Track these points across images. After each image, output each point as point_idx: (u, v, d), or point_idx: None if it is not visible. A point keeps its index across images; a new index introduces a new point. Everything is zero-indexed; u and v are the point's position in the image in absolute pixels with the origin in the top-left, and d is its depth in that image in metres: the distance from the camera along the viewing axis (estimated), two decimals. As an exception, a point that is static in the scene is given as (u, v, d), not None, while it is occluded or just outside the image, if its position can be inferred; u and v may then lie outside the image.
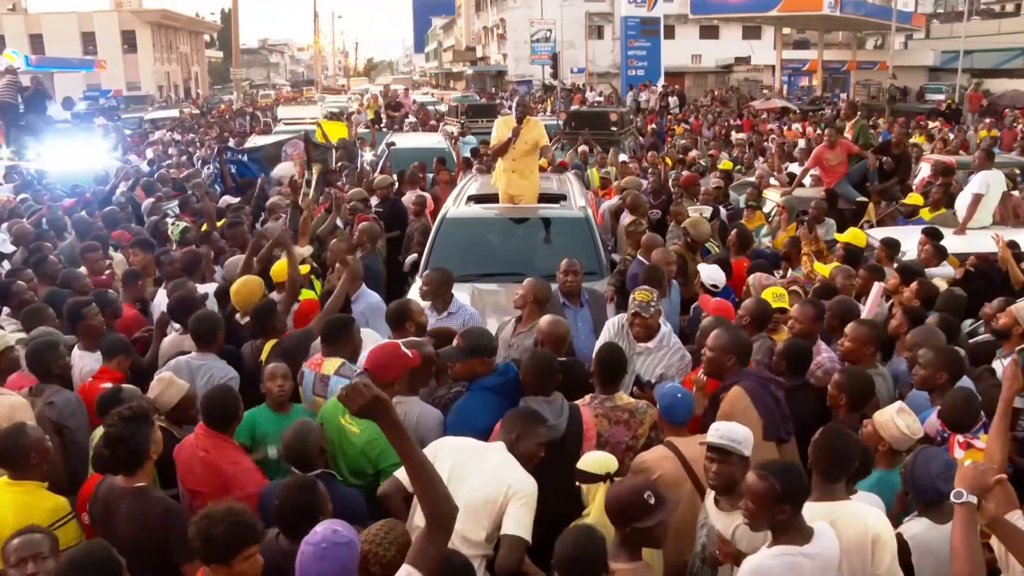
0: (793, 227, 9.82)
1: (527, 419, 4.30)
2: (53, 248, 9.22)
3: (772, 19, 46.19)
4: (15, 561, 3.55)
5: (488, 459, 4.12)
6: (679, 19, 56.25)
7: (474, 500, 3.93)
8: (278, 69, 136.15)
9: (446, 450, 4.14)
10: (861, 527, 3.68)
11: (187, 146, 24.18)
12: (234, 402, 4.88)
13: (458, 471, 4.00)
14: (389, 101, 31.50)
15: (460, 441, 4.27)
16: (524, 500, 3.95)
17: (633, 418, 4.93)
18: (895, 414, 4.36)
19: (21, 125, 20.05)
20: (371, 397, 2.96)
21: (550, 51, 52.54)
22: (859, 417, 4.78)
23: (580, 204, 9.44)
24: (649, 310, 5.82)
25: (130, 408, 4.19)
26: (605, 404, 4.94)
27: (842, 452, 3.89)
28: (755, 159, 17.96)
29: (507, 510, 3.93)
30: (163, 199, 12.59)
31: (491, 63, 72.31)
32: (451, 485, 3.75)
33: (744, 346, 5.11)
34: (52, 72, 46.53)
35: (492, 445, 4.25)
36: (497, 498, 3.95)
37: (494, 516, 3.94)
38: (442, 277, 6.83)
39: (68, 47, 62.61)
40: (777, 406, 4.84)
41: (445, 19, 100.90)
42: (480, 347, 5.03)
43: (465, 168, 14.71)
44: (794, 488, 3.52)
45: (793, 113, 33.05)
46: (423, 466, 3.11)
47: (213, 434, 4.75)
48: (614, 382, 5.05)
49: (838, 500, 3.83)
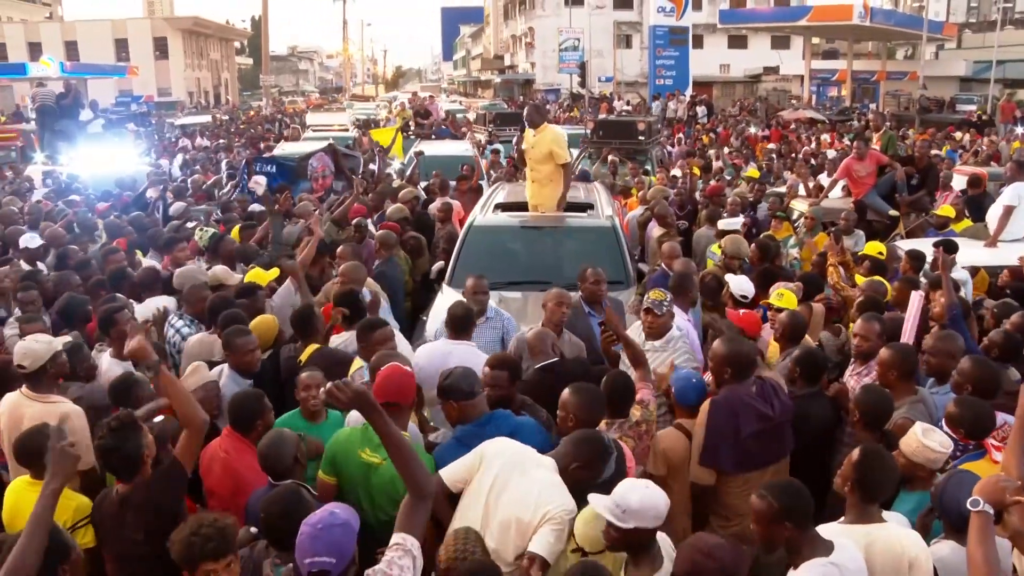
0: (821, 238, 9.79)
1: (600, 453, 3.99)
2: (84, 251, 9.37)
3: (801, 29, 45.99)
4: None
5: (532, 476, 3.91)
6: (707, 28, 56.15)
7: (508, 518, 3.82)
8: (307, 76, 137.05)
9: (490, 459, 4.00)
10: (898, 550, 3.66)
11: (216, 152, 24.38)
12: (259, 406, 4.91)
13: (499, 484, 3.89)
14: (418, 109, 31.59)
15: (503, 450, 4.06)
16: (558, 526, 3.76)
17: (648, 425, 5.01)
18: (922, 437, 4.21)
19: (56, 130, 20.37)
20: (351, 393, 3.28)
21: (578, 60, 52.53)
22: (877, 435, 4.71)
23: (607, 213, 9.47)
24: (661, 308, 5.89)
25: (117, 419, 4.19)
26: (624, 427, 4.95)
27: (881, 474, 3.84)
28: (783, 170, 17.88)
29: (539, 530, 3.74)
30: (191, 205, 12.74)
31: (519, 71, 72.41)
32: (488, 499, 3.83)
33: (741, 359, 5.01)
34: (86, 78, 47.08)
35: (542, 460, 4.00)
36: (532, 521, 3.77)
37: (526, 537, 3.77)
38: (479, 285, 6.95)
39: (102, 54, 63.48)
40: (757, 428, 4.82)
41: (473, 27, 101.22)
42: (448, 389, 4.53)
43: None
44: (793, 504, 3.52)
45: (822, 124, 32.87)
46: (402, 446, 3.46)
47: (236, 437, 4.82)
48: (625, 407, 4.96)
49: (874, 523, 3.79)
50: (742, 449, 4.79)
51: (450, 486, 4.01)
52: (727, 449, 4.83)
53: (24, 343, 5.32)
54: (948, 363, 5.33)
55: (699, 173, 14.93)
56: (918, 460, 4.19)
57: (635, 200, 13.03)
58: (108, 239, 10.20)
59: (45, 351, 5.26)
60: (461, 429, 4.49)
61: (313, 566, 3.23)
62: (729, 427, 4.83)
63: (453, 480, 4.03)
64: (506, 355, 5.40)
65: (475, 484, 3.97)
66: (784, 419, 4.99)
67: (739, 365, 4.99)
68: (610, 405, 4.96)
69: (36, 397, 5.18)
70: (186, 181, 16.25)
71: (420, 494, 3.42)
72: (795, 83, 54.95)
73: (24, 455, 4.48)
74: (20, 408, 5.14)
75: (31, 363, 5.21)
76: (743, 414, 4.85)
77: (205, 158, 22.53)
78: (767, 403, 4.93)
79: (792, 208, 11.96)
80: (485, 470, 3.94)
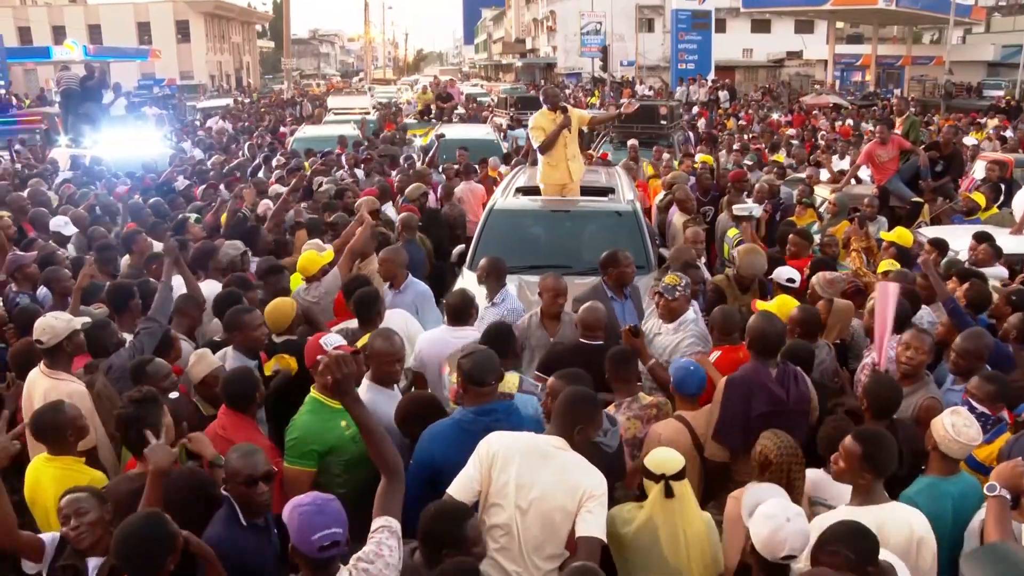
0: (843, 225, 9.72)
1: (586, 403, 3.99)
2: (108, 233, 9.44)
3: (825, 13, 45.56)
4: (62, 519, 3.85)
5: (553, 462, 3.86)
6: (730, 12, 55.77)
7: (550, 511, 3.79)
8: (328, 59, 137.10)
9: (503, 456, 3.90)
10: (907, 530, 3.75)
11: (238, 134, 24.44)
12: (252, 383, 4.94)
13: (524, 480, 3.83)
14: (439, 92, 31.56)
15: (513, 443, 3.96)
16: (599, 500, 3.79)
17: (660, 412, 5.10)
18: (946, 415, 4.20)
19: (80, 113, 20.47)
20: (347, 372, 3.50)
21: (600, 44, 52.34)
22: (885, 425, 4.66)
23: (628, 197, 9.44)
24: (673, 293, 5.97)
25: (139, 391, 4.32)
26: (633, 406, 5.04)
27: (887, 450, 3.87)
28: (806, 155, 17.75)
29: (580, 512, 3.75)
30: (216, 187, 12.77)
31: (540, 55, 72.22)
32: (518, 497, 3.80)
33: (768, 338, 5.05)
34: (109, 61, 47.35)
35: (549, 441, 3.94)
36: (572, 508, 3.77)
37: (571, 523, 3.77)
38: (494, 265, 6.92)
39: (124, 37, 63.80)
40: (768, 411, 4.82)
41: (495, 11, 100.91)
42: (464, 371, 4.45)
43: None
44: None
45: (845, 109, 32.60)
46: (373, 429, 3.64)
47: (232, 413, 4.84)
48: (631, 381, 5.14)
49: (882, 503, 3.85)
50: (751, 429, 4.73)
51: (465, 500, 3.85)
52: (737, 428, 4.87)
53: (44, 319, 5.38)
54: (976, 364, 5.30)
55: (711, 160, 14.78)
56: (934, 436, 4.19)
57: (658, 185, 12.96)
58: (132, 221, 10.27)
59: (64, 328, 5.34)
60: (462, 411, 4.43)
61: (324, 539, 3.20)
62: (741, 406, 4.88)
63: (467, 494, 3.89)
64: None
65: (494, 488, 3.87)
66: (799, 407, 4.97)
67: (763, 343, 5.03)
68: (615, 380, 5.07)
69: (49, 373, 5.27)
70: (206, 163, 16.29)
71: (392, 476, 3.60)
72: (818, 68, 54.54)
73: (39, 431, 4.56)
74: (35, 383, 5.26)
75: (48, 339, 5.28)
76: (756, 395, 4.89)
77: (231, 140, 22.57)
78: (783, 388, 4.93)
79: (815, 194, 11.86)
80: (501, 472, 3.86)
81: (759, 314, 5.26)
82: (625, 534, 3.95)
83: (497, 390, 4.54)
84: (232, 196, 11.65)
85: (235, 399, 4.85)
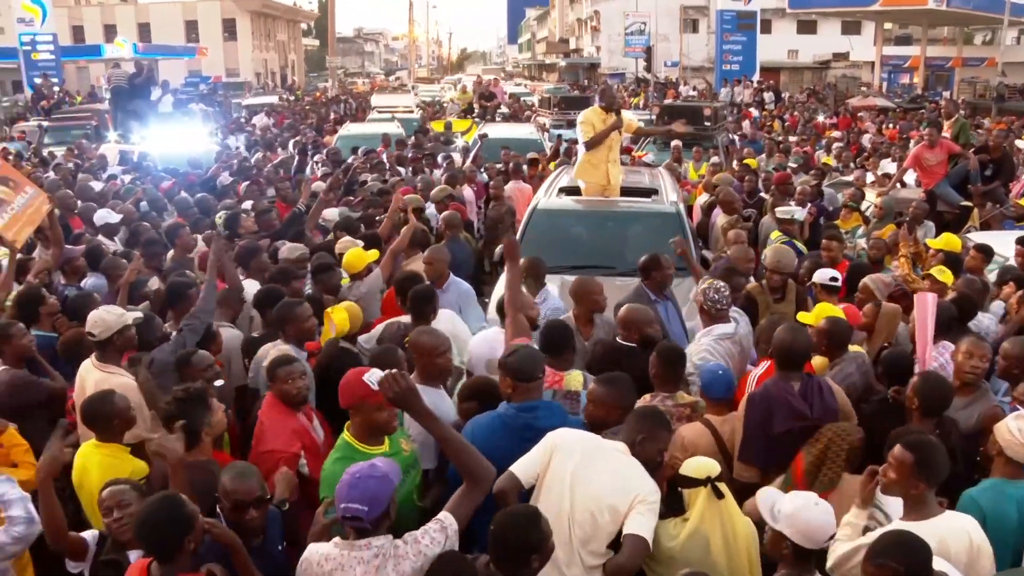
0: (888, 228, 9.60)
1: (655, 422, 4.14)
2: (155, 227, 9.59)
3: (873, 14, 44.87)
4: (104, 510, 3.96)
5: (610, 463, 3.97)
6: (776, 13, 55.15)
7: (599, 508, 3.85)
8: (372, 58, 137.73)
9: (566, 448, 4.01)
10: (967, 540, 3.67)
11: (283, 132, 24.66)
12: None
13: (580, 473, 3.92)
14: (482, 91, 31.62)
15: (579, 439, 4.10)
16: (650, 506, 3.85)
17: (695, 412, 5.06)
18: (1010, 419, 4.15)
19: (128, 110, 20.81)
20: (405, 388, 3.54)
21: (644, 44, 52.04)
22: (934, 423, 4.64)
23: (672, 199, 9.40)
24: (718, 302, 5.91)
25: (185, 390, 4.42)
26: (667, 402, 5.00)
27: (940, 456, 3.80)
28: (853, 158, 17.54)
29: (631, 513, 3.82)
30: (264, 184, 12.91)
31: (584, 55, 72.06)
32: (573, 487, 3.87)
33: (793, 350, 4.94)
34: (157, 59, 48.07)
35: (614, 446, 4.06)
36: (622, 508, 3.84)
37: (619, 523, 3.84)
38: (534, 265, 6.92)
39: (173, 35, 64.71)
40: (790, 427, 4.71)
41: (539, 10, 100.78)
42: (509, 367, 4.45)
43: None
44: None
45: (892, 112, 32.12)
46: (455, 441, 3.72)
47: (277, 404, 4.91)
48: (675, 380, 5.12)
49: (938, 515, 3.76)
50: (774, 446, 4.72)
51: (524, 482, 4.01)
52: (760, 445, 4.79)
53: (97, 312, 5.51)
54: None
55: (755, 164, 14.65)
56: (998, 440, 4.12)
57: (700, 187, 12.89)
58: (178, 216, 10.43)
59: (115, 322, 5.45)
60: (505, 407, 4.47)
61: (347, 511, 3.38)
62: (762, 422, 4.78)
63: (528, 476, 4.02)
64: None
65: (552, 475, 3.97)
66: (825, 421, 4.75)
67: (785, 356, 4.93)
68: (657, 377, 5.05)
69: (100, 366, 5.39)
70: (250, 160, 16.48)
71: (475, 483, 3.64)
72: (865, 70, 53.73)
73: (89, 418, 4.73)
74: (87, 375, 5.38)
75: (100, 332, 5.40)
76: (777, 410, 4.77)
77: (274, 137, 22.78)
78: (807, 402, 4.79)
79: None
80: (561, 460, 3.95)
81: (784, 326, 5.15)
82: (672, 547, 3.92)
83: (543, 386, 4.58)
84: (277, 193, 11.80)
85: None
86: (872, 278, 6.77)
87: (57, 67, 39.83)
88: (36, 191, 8.12)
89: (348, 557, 3.42)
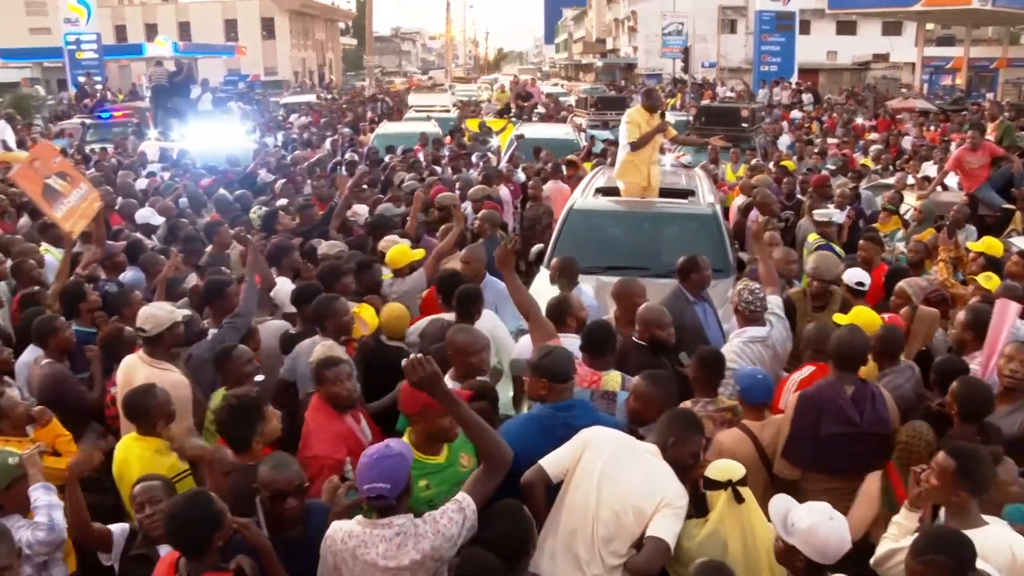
0: (928, 232, 9.48)
1: (688, 425, 4.12)
2: (192, 224, 9.70)
3: (915, 14, 44.23)
4: (136, 506, 4.06)
5: (640, 464, 3.97)
6: (815, 14, 54.58)
7: (624, 508, 3.85)
8: (409, 57, 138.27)
9: (597, 446, 4.02)
10: (1008, 555, 3.60)
11: (321, 130, 24.82)
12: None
13: (609, 472, 3.92)
14: (519, 91, 31.63)
15: (611, 438, 4.12)
16: (676, 510, 3.84)
17: (735, 417, 5.02)
18: None
19: (168, 107, 21.06)
20: (430, 371, 3.58)
21: (681, 45, 51.83)
22: (976, 429, 4.58)
23: (709, 200, 9.36)
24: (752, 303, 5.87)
25: (239, 398, 4.46)
26: (708, 407, 4.99)
27: (984, 466, 3.76)
28: (892, 161, 17.34)
29: (655, 516, 3.81)
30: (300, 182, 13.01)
31: (621, 56, 71.85)
32: (600, 484, 3.87)
33: (852, 351, 4.90)
34: (197, 58, 48.61)
35: (645, 447, 4.07)
36: (648, 510, 3.82)
37: (643, 525, 3.82)
38: (567, 265, 6.92)
39: (212, 34, 65.54)
40: (839, 431, 4.67)
41: (576, 10, 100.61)
42: (542, 368, 4.44)
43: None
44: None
45: (934, 114, 31.68)
46: (477, 425, 3.81)
47: (324, 406, 4.91)
48: (715, 384, 5.10)
49: (981, 526, 3.70)
50: (820, 448, 4.69)
51: (552, 476, 4.03)
52: (806, 444, 4.75)
53: (148, 308, 5.58)
54: None
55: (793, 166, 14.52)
56: None
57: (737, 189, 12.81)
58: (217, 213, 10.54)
59: (166, 319, 5.50)
60: (540, 408, 4.48)
61: (371, 491, 3.53)
62: (811, 422, 4.75)
63: (557, 470, 4.04)
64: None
65: (580, 472, 3.98)
66: (874, 430, 4.72)
67: (845, 356, 4.87)
68: (697, 381, 5.03)
69: (150, 362, 5.41)
70: (286, 157, 16.60)
71: (493, 466, 3.79)
72: (906, 71, 53.01)
73: (131, 411, 4.80)
74: (135, 370, 5.38)
75: (152, 328, 5.44)
76: (827, 412, 4.74)
77: (313, 135, 22.93)
78: (858, 408, 4.74)
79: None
80: (591, 458, 3.96)
81: (847, 326, 5.12)
82: (690, 547, 3.92)
83: (574, 385, 4.58)
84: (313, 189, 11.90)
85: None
86: (908, 281, 6.67)
87: (100, 66, 40.40)
88: (90, 187, 8.34)
89: (371, 535, 3.57)
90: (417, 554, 3.51)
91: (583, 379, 5.00)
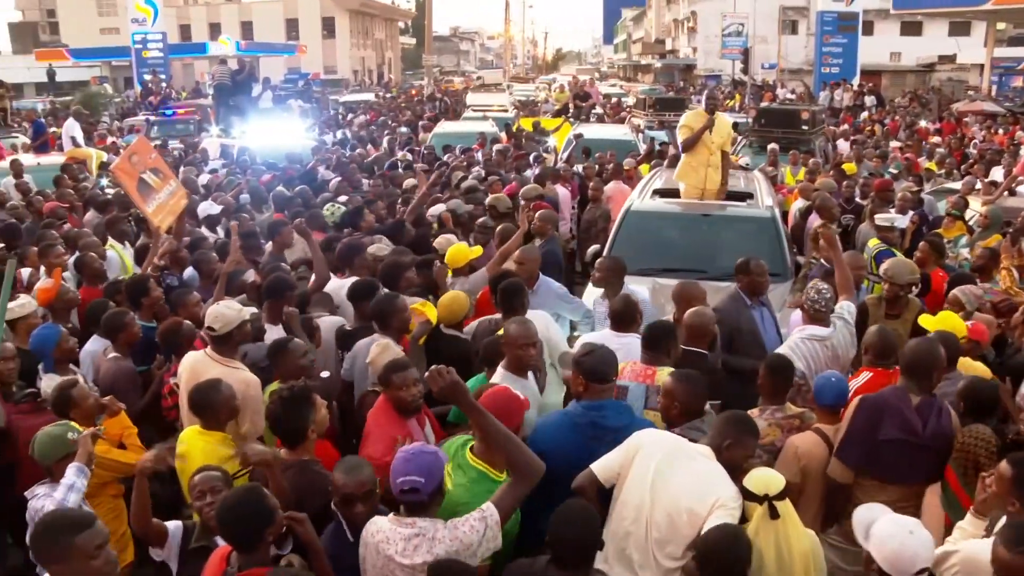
0: (994, 238, 9.27)
1: (743, 428, 4.11)
2: (252, 219, 9.85)
3: (984, 13, 43.22)
4: (196, 494, 4.11)
5: (693, 466, 3.95)
6: (879, 14, 53.56)
7: (678, 509, 3.83)
8: (468, 57, 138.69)
9: (649, 448, 4.01)
10: None
11: (380, 128, 25.03)
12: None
13: (662, 474, 3.91)
14: (577, 91, 31.59)
15: (664, 439, 4.12)
16: (730, 511, 3.79)
17: (804, 424, 4.95)
18: None
19: (230, 105, 21.40)
20: (450, 382, 3.61)
21: (741, 45, 51.29)
22: None
23: (767, 203, 9.28)
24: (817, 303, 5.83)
25: (290, 389, 4.50)
26: (776, 415, 4.95)
27: None
28: (957, 165, 16.99)
29: (709, 518, 3.75)
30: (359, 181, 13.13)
31: (680, 56, 71.37)
32: (654, 486, 3.86)
33: (914, 362, 4.76)
34: (258, 56, 49.36)
35: (699, 449, 4.04)
36: (702, 512, 3.79)
37: (697, 527, 3.78)
38: (615, 266, 6.90)
39: (274, 33, 66.54)
40: (897, 437, 4.58)
41: (635, 11, 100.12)
42: (583, 366, 4.47)
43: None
44: None
45: (1002, 117, 30.94)
46: (501, 434, 3.78)
47: (388, 409, 4.90)
48: (782, 392, 5.02)
49: None
50: (876, 451, 4.61)
51: (603, 480, 4.04)
52: (862, 446, 4.66)
53: (217, 307, 5.59)
54: None
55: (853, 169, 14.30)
56: None
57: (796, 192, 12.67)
58: (276, 210, 10.67)
59: (235, 318, 5.52)
60: (574, 405, 4.52)
61: (405, 484, 3.54)
62: (869, 425, 4.66)
63: (607, 474, 4.05)
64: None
65: (633, 475, 3.97)
66: (934, 444, 4.59)
67: (915, 363, 4.73)
68: (764, 388, 4.99)
69: (220, 360, 5.44)
70: (346, 156, 16.76)
71: (522, 477, 3.73)
72: (973, 73, 51.84)
73: (196, 406, 4.86)
74: (204, 367, 5.39)
75: (221, 327, 5.46)
76: (888, 417, 4.64)
77: (372, 133, 23.13)
78: (921, 418, 4.63)
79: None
80: (644, 460, 3.95)
81: (929, 339, 4.97)
82: None
83: (613, 389, 4.61)
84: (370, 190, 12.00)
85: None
86: (961, 289, 6.55)
87: (165, 64, 41.35)
88: (178, 184, 8.58)
89: (394, 532, 3.61)
90: (430, 557, 3.53)
91: (637, 375, 5.08)
